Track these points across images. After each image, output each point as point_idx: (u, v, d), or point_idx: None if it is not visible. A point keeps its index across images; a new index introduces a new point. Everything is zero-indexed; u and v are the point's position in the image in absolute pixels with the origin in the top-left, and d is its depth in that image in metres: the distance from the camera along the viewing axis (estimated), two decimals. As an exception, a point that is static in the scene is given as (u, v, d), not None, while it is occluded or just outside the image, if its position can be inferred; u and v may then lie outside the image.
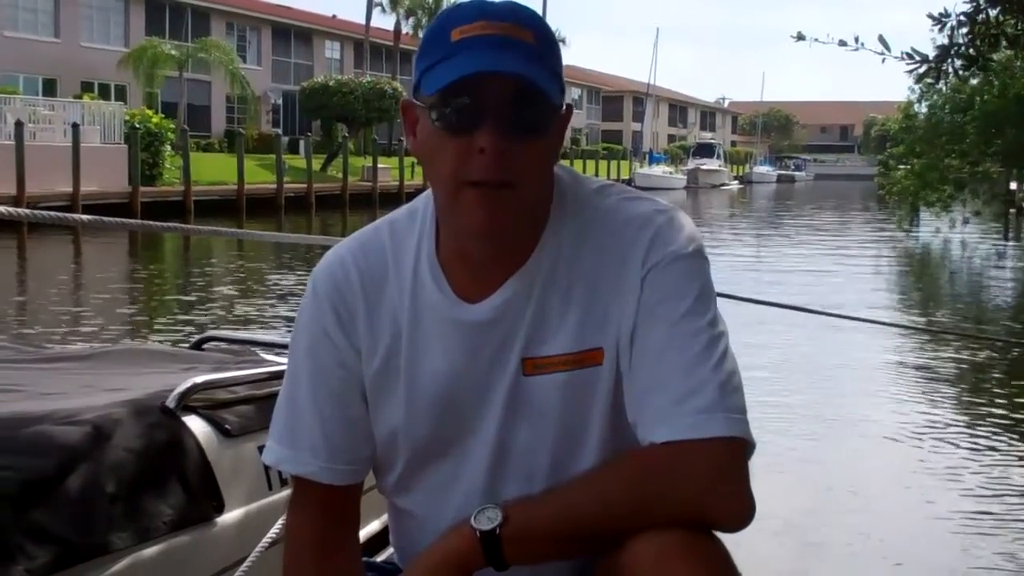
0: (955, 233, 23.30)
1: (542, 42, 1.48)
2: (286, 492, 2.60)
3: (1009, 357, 10.17)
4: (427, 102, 1.48)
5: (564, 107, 1.53)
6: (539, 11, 1.51)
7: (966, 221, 22.21)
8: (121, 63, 39.70)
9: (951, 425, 7.60)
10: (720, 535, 1.44)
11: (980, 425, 7.64)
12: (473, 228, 1.49)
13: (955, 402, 8.52)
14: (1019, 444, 7.18)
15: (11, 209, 3.16)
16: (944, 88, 17.14)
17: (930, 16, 5.36)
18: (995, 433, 7.39)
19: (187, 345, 3.90)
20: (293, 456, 1.64)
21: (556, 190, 1.60)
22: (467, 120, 1.45)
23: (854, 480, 6.35)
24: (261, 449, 1.73)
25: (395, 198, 37.14)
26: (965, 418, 7.90)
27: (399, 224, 1.66)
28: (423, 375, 1.60)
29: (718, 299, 1.57)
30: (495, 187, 1.45)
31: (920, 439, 7.18)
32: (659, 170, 71.22)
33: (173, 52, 40.19)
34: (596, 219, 1.58)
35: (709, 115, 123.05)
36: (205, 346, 3.77)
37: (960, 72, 5.59)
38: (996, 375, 9.61)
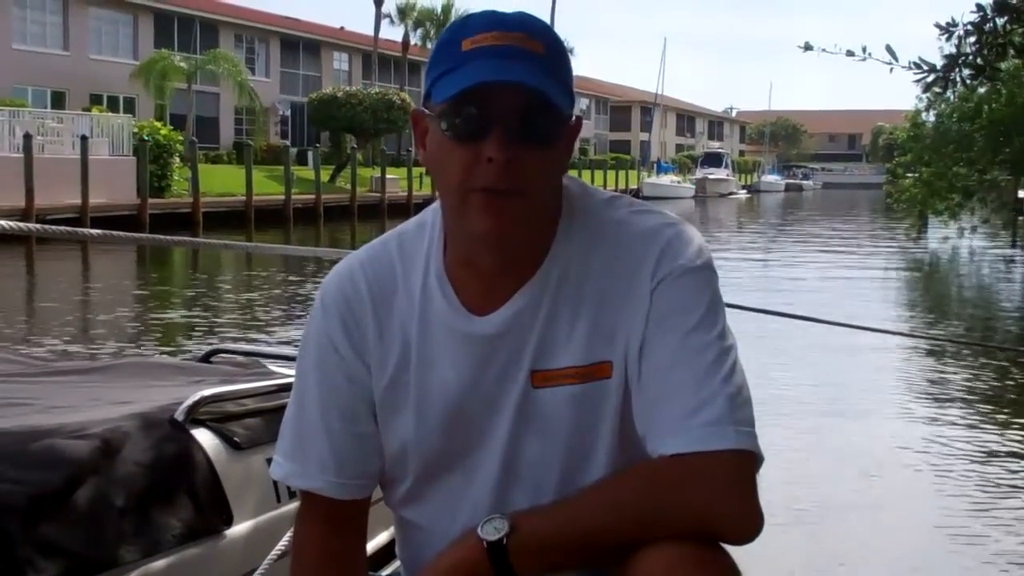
0: (964, 241, 23.27)
1: (552, 53, 1.49)
2: (295, 504, 2.60)
3: (1018, 364, 10.13)
4: (437, 111, 1.48)
5: (573, 118, 1.53)
6: (547, 21, 1.52)
7: (974, 229, 22.18)
8: (133, 75, 39.82)
9: (960, 434, 7.55)
10: (727, 547, 1.44)
11: (989, 433, 7.61)
12: (480, 234, 1.49)
13: (963, 411, 8.48)
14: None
15: (22, 224, 3.17)
16: (952, 97, 17.11)
17: (937, 25, 5.37)
18: (1005, 442, 7.37)
19: (195, 358, 3.90)
20: (301, 471, 1.64)
21: (565, 201, 1.60)
22: (475, 129, 1.45)
23: (861, 489, 6.33)
24: (270, 462, 1.73)
25: (403, 209, 37.18)
26: (974, 427, 7.86)
27: (408, 236, 1.66)
28: (433, 388, 1.60)
29: (726, 310, 1.57)
30: (501, 195, 1.45)
31: (929, 448, 7.15)
32: (667, 180, 71.24)
33: (182, 64, 40.29)
34: (605, 231, 1.58)
35: (717, 124, 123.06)
36: (213, 359, 3.77)
37: (968, 81, 5.60)
38: (1005, 383, 9.58)
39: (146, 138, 30.69)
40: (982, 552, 5.26)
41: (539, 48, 1.47)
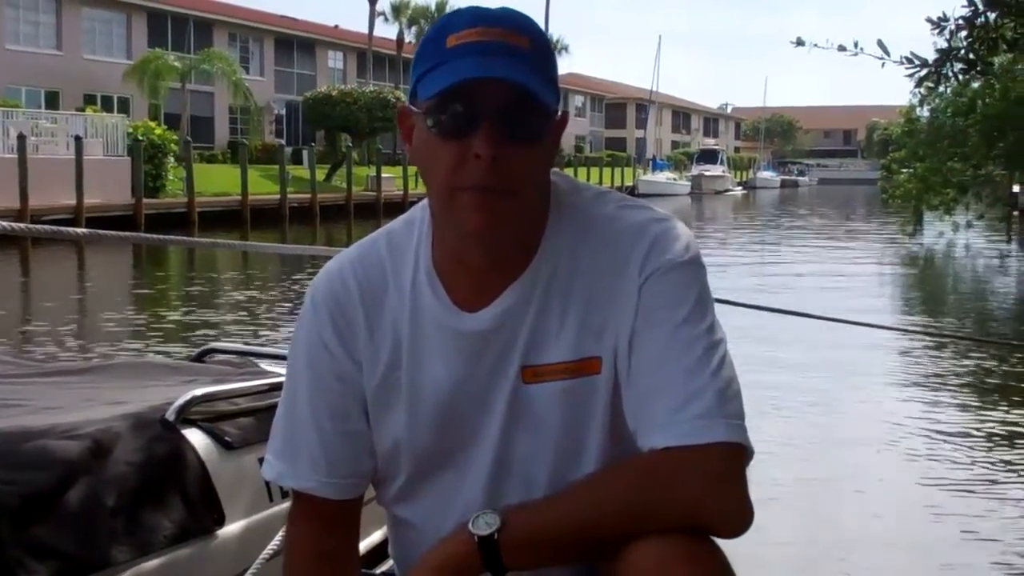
0: (959, 236, 23.30)
1: (537, 48, 1.48)
2: (287, 504, 2.59)
3: (1013, 359, 10.14)
4: (423, 108, 1.48)
5: (560, 113, 1.53)
6: (542, 19, 1.50)
7: (969, 224, 22.20)
8: (126, 75, 39.78)
9: (955, 429, 7.57)
10: (719, 541, 1.44)
11: (986, 427, 7.62)
12: (469, 232, 1.48)
13: (960, 405, 8.50)
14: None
15: (10, 224, 3.16)
16: (946, 92, 17.11)
17: (929, 20, 5.37)
18: (1000, 436, 7.38)
19: (188, 357, 3.89)
20: (292, 471, 1.64)
21: (553, 197, 1.59)
22: (462, 126, 1.44)
23: (856, 486, 6.34)
24: (262, 461, 1.72)
25: (399, 207, 37.07)
26: (971, 422, 7.88)
27: (396, 234, 1.65)
28: (425, 385, 1.59)
29: (717, 305, 1.57)
30: (490, 192, 1.45)
31: (924, 443, 7.16)
32: (663, 177, 71.31)
33: (176, 64, 40.26)
34: (594, 227, 1.58)
35: (712, 121, 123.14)
36: (206, 358, 3.76)
37: (960, 76, 5.60)
38: (1000, 378, 9.59)
39: (140, 138, 30.70)
40: (976, 538, 5.29)
41: (524, 43, 1.46)
